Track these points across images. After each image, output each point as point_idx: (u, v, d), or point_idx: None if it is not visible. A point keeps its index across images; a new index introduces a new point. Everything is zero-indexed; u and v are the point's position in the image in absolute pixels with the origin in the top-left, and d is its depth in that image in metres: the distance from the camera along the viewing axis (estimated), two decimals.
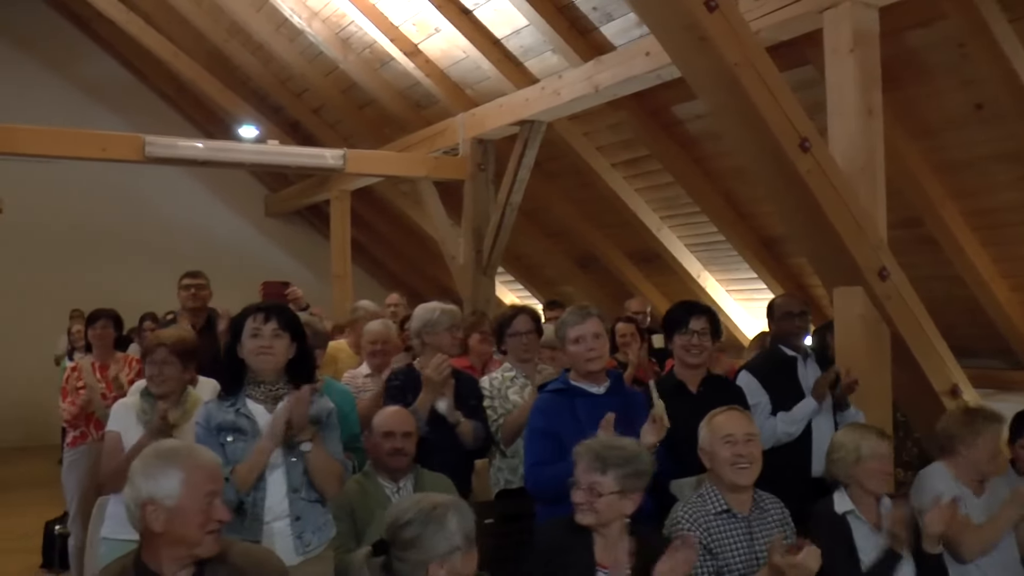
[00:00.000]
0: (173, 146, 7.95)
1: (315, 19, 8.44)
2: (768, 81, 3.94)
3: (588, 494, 2.99)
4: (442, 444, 4.11)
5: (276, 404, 3.17)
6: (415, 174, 8.77)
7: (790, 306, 4.66)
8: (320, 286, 11.22)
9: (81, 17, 12.07)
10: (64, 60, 12.40)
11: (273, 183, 13.55)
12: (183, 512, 2.33)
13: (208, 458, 2.47)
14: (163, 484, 2.34)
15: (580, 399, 3.64)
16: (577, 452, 3.06)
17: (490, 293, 8.41)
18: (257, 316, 3.20)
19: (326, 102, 10.26)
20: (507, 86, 7.58)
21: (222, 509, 2.41)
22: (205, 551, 2.37)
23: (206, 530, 2.35)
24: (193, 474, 2.36)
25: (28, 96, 10.66)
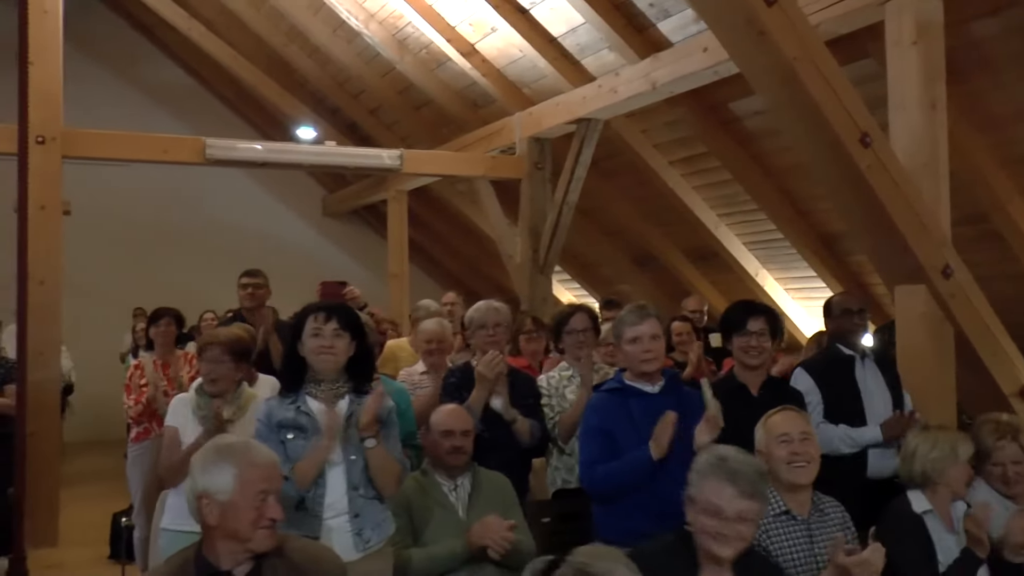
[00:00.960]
0: (233, 148, 8.08)
1: (372, 21, 8.50)
2: (827, 75, 3.88)
3: (738, 523, 2.58)
4: (499, 443, 4.11)
5: (336, 402, 3.19)
6: (472, 173, 8.79)
7: (848, 303, 4.57)
8: (377, 285, 11.30)
9: (146, 25, 12.34)
10: (130, 66, 12.70)
11: (331, 184, 13.68)
12: (235, 507, 2.36)
13: (264, 457, 2.48)
14: (217, 479, 2.37)
15: (635, 399, 3.60)
16: (717, 471, 2.61)
17: (547, 292, 8.41)
18: (318, 316, 3.22)
19: (383, 103, 10.33)
20: (564, 84, 7.56)
21: (275, 507, 2.41)
22: (257, 547, 2.38)
23: (258, 526, 2.36)
24: (247, 471, 2.39)
25: (95, 101, 10.88)
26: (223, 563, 2.37)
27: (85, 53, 11.08)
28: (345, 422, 3.19)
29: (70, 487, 7.29)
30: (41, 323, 6.27)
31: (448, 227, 12.61)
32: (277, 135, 11.65)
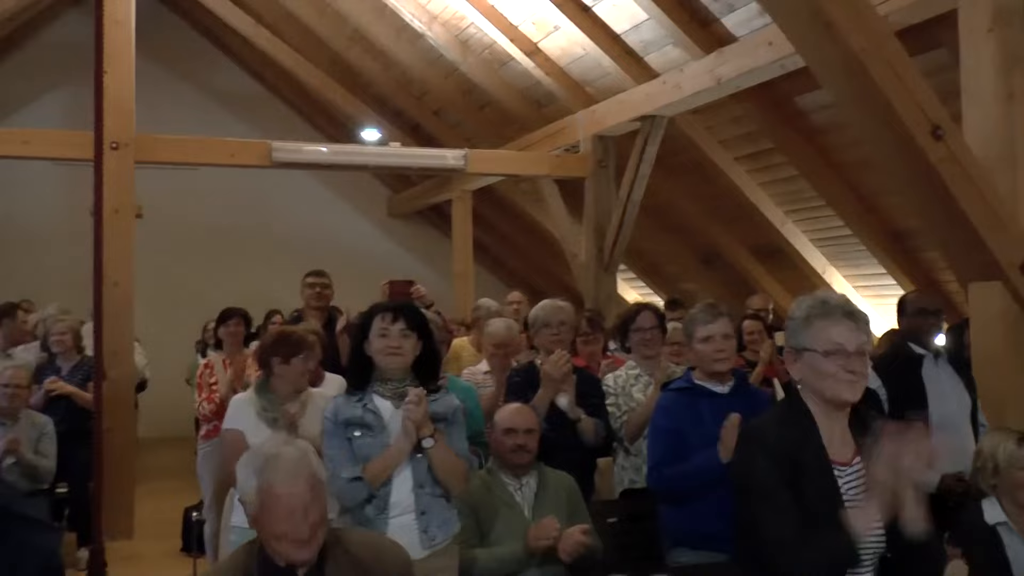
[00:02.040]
0: (298, 151, 8.20)
1: (435, 22, 8.54)
2: (897, 67, 3.80)
3: (862, 361, 2.42)
4: (564, 442, 4.10)
5: (403, 401, 3.21)
6: (536, 172, 8.80)
7: (925, 303, 4.48)
8: (442, 285, 11.36)
9: (213, 32, 12.57)
10: (198, 73, 12.94)
11: (395, 184, 13.78)
12: (259, 521, 2.36)
13: (287, 495, 2.33)
14: (245, 487, 2.39)
15: (704, 398, 3.57)
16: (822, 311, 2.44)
17: (611, 290, 8.38)
18: (386, 316, 3.23)
19: (447, 104, 10.38)
20: (627, 82, 7.52)
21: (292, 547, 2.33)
22: (289, 557, 2.33)
23: (285, 540, 2.31)
24: (266, 498, 2.34)
25: (166, 107, 11.11)
26: (276, 559, 2.35)
27: (156, 61, 11.31)
28: None
29: (145, 482, 7.47)
30: (115, 322, 6.42)
31: (512, 226, 12.63)
32: (342, 137, 11.78)
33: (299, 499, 2.32)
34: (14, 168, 11.14)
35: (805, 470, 2.34)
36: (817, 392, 2.41)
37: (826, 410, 2.41)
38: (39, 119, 11.68)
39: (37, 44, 12.50)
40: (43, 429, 5.93)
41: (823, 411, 2.40)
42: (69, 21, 12.37)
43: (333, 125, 12.75)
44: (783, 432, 2.40)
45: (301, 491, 2.33)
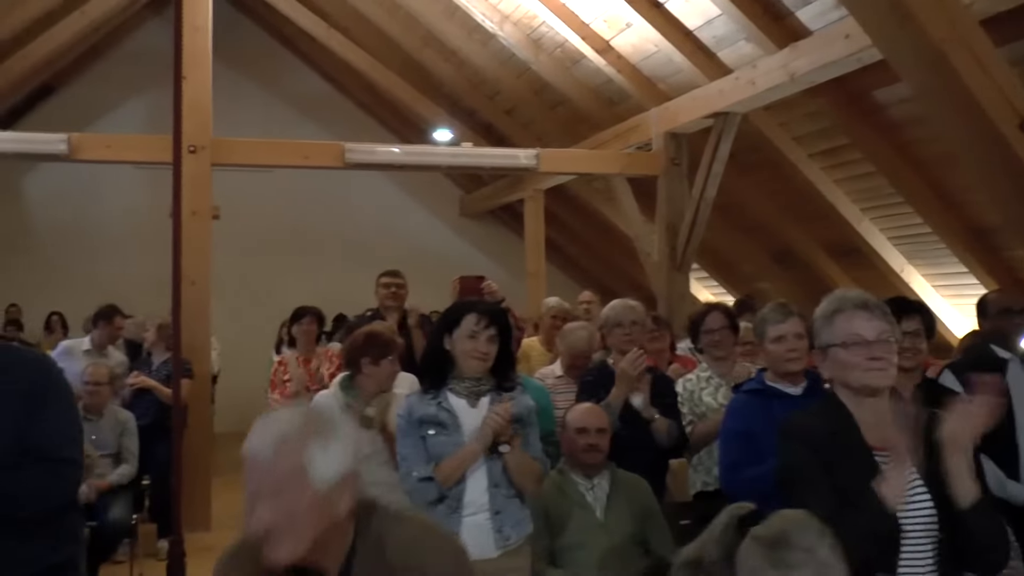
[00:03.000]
0: (371, 152, 8.27)
1: (506, 22, 8.56)
2: (981, 57, 3.69)
3: (886, 348, 2.44)
4: (636, 442, 4.07)
5: (478, 399, 3.21)
6: (608, 171, 8.75)
7: (1008, 302, 4.33)
8: (514, 284, 11.37)
9: (288, 37, 12.78)
10: (273, 77, 13.17)
11: (468, 184, 13.84)
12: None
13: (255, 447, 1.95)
14: None
15: (777, 400, 3.50)
16: (839, 304, 2.49)
17: (684, 290, 8.30)
18: (480, 319, 3.23)
19: (519, 103, 10.39)
20: (700, 78, 7.44)
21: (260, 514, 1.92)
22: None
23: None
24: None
25: (242, 111, 11.33)
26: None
27: (233, 66, 11.54)
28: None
29: (221, 475, 7.61)
30: (193, 321, 6.57)
31: (585, 225, 12.59)
32: (414, 138, 11.87)
33: (261, 468, 1.90)
34: (98, 172, 11.50)
35: (845, 457, 2.38)
36: (847, 384, 2.47)
37: (860, 400, 2.45)
38: (121, 124, 12.05)
39: (120, 52, 12.87)
40: (125, 425, 6.12)
41: (857, 402, 2.45)
42: (150, 29, 12.71)
43: (406, 126, 12.86)
44: (821, 423, 2.46)
45: (265, 461, 1.90)
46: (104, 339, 7.32)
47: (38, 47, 10.34)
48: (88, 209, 12.37)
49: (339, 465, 1.92)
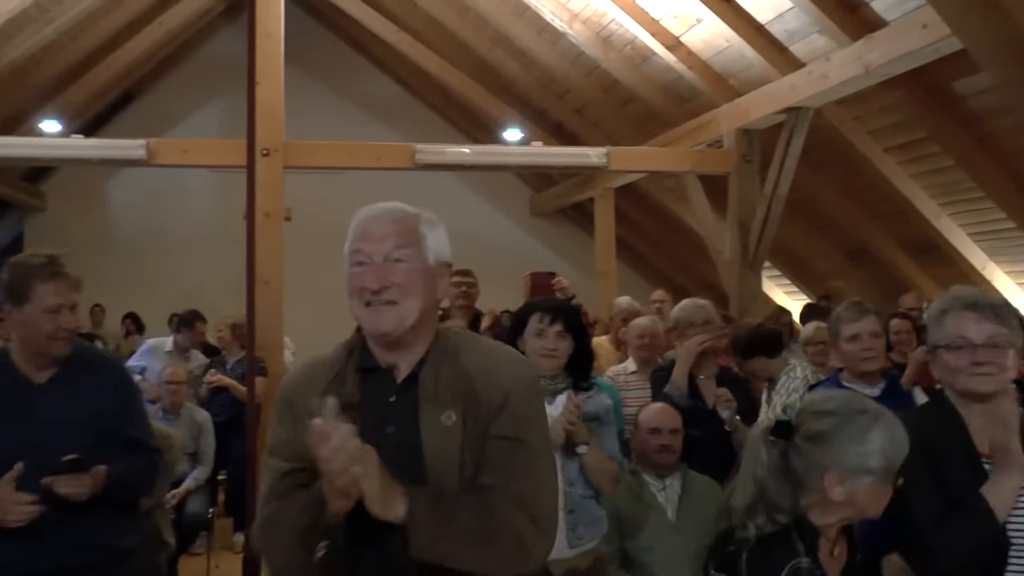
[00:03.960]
0: (442, 152, 8.32)
1: (576, 20, 8.53)
2: None
3: (994, 352, 2.34)
4: (709, 442, 4.04)
5: (554, 398, 3.20)
6: (679, 169, 8.67)
7: None
8: (585, 283, 11.32)
9: (358, 40, 12.94)
10: (344, 80, 13.34)
11: (538, 183, 13.85)
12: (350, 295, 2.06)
13: (364, 214, 2.08)
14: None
15: None
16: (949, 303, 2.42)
17: (756, 289, 8.18)
18: (544, 316, 3.23)
19: (588, 101, 10.36)
20: (772, 73, 7.33)
21: (367, 276, 1.99)
22: (368, 327, 2.00)
23: (361, 301, 2.00)
24: (351, 233, 2.09)
25: (313, 114, 11.48)
26: (379, 355, 2.02)
27: (304, 70, 11.70)
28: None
29: None
30: (266, 321, 6.67)
31: (655, 224, 12.51)
32: (484, 138, 11.91)
33: (383, 229, 2.00)
34: (175, 176, 11.76)
35: (951, 462, 2.29)
36: (953, 388, 2.38)
37: (969, 404, 2.36)
38: (197, 129, 12.32)
39: (195, 60, 13.17)
40: (202, 425, 6.28)
41: (967, 406, 2.36)
42: (224, 37, 12.97)
43: (475, 126, 12.91)
44: (926, 426, 2.35)
45: (391, 221, 2.02)
46: (187, 343, 7.60)
47: (119, 58, 10.68)
48: (166, 212, 12.69)
49: (441, 247, 2.06)
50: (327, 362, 2.04)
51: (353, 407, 1.85)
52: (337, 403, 1.73)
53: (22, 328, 2.93)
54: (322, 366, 2.04)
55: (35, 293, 2.87)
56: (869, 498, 2.10)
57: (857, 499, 2.10)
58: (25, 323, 2.90)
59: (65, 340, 2.93)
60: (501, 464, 1.88)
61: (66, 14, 9.02)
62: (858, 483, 2.08)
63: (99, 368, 3.10)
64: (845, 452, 2.09)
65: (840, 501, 2.10)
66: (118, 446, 3.01)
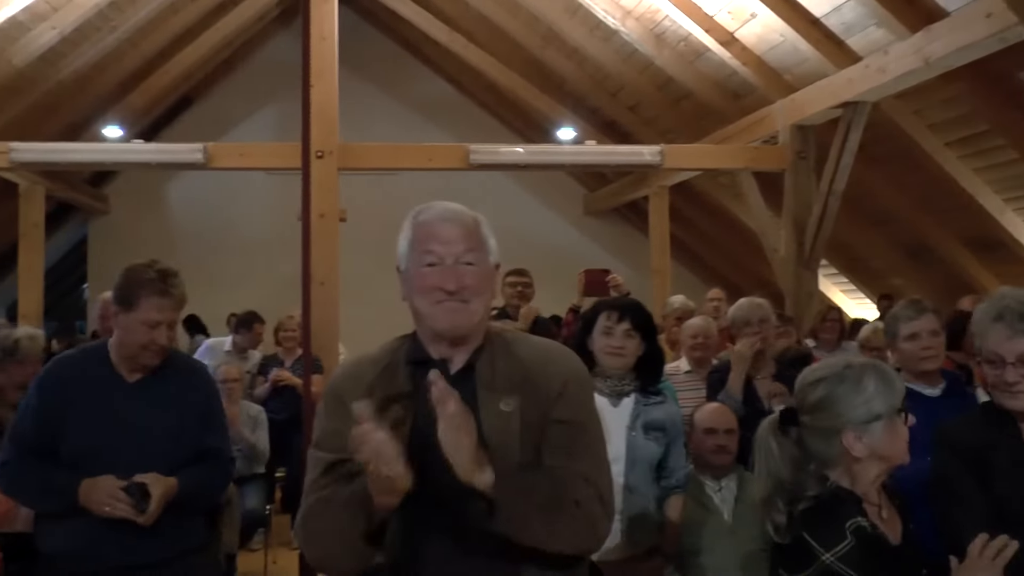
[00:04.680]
0: (495, 152, 8.34)
1: (628, 18, 8.49)
2: None
3: (1021, 367, 2.35)
4: None
5: (620, 399, 3.19)
6: (733, 166, 8.59)
7: None
8: (639, 282, 11.26)
9: (411, 42, 13.00)
10: (397, 82, 13.40)
11: (591, 182, 13.80)
12: (409, 279, 2.11)
13: (431, 215, 2.10)
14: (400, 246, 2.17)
15: (912, 401, 3.32)
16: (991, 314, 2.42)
17: (812, 287, 8.07)
18: (612, 315, 3.22)
19: (642, 99, 10.31)
20: (828, 67, 7.22)
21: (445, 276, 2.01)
22: (435, 324, 2.02)
23: (432, 300, 2.02)
24: (415, 233, 2.11)
25: (367, 117, 11.56)
26: (432, 349, 2.06)
27: (358, 73, 11.79)
28: (631, 423, 3.18)
29: None
30: (322, 320, 6.74)
31: (710, 222, 12.40)
32: (537, 137, 11.90)
33: (455, 231, 2.04)
34: (232, 179, 11.94)
35: (1003, 472, 2.25)
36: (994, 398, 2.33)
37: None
38: (253, 133, 12.50)
39: (251, 65, 13.34)
40: (257, 418, 6.42)
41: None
42: (279, 42, 13.12)
43: (529, 126, 12.90)
44: (975, 433, 2.33)
45: (463, 224, 2.07)
46: (245, 343, 7.75)
47: (177, 63, 10.87)
48: (223, 214, 12.88)
49: (495, 249, 2.16)
50: (374, 359, 2.11)
51: (404, 396, 1.92)
52: (373, 403, 1.80)
53: (122, 331, 3.06)
54: (370, 363, 2.10)
55: (140, 304, 2.99)
56: (887, 442, 2.14)
57: (877, 447, 2.14)
58: (125, 328, 3.04)
59: (155, 353, 3.05)
60: (565, 447, 1.96)
61: (127, 22, 9.20)
62: (872, 431, 2.13)
63: (187, 375, 3.22)
64: (849, 407, 2.14)
65: (865, 456, 2.14)
66: (195, 452, 3.11)
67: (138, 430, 3.00)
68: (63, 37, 8.55)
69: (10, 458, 3.04)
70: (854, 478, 2.16)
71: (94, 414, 3.00)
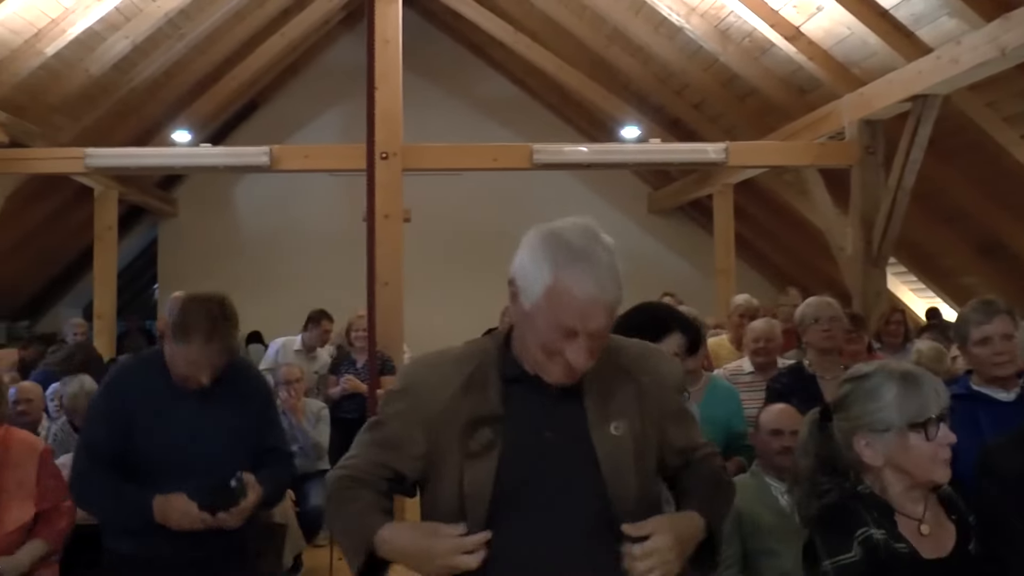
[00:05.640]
0: (559, 152, 8.33)
1: (693, 15, 8.42)
2: None
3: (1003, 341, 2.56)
4: None
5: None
6: (799, 163, 8.47)
7: None
8: (703, 282, 11.19)
9: (475, 43, 13.06)
10: (461, 83, 13.45)
11: (655, 181, 13.72)
12: (533, 322, 1.90)
13: (587, 290, 1.89)
14: (528, 276, 1.97)
15: (984, 407, 3.19)
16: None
17: (881, 286, 7.91)
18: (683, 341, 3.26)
19: (706, 96, 10.22)
20: (897, 60, 7.07)
21: (580, 353, 1.87)
22: (547, 377, 1.92)
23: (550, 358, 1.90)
24: (560, 296, 1.88)
25: (433, 118, 11.63)
26: (529, 365, 1.96)
27: (421, 74, 11.86)
28: None
29: None
30: (386, 321, 6.80)
31: (775, 220, 12.24)
32: (601, 136, 11.86)
33: (600, 324, 1.88)
34: (297, 180, 12.10)
35: None
36: None
37: None
38: (318, 135, 12.66)
39: (316, 68, 13.51)
40: (319, 415, 6.53)
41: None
42: (343, 45, 13.27)
43: (593, 124, 12.87)
44: (1018, 455, 2.25)
45: (603, 320, 1.89)
46: (314, 340, 7.87)
47: (244, 69, 11.07)
48: (289, 215, 13.06)
49: None
50: (458, 360, 2.02)
51: (495, 420, 1.89)
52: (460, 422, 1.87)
53: (168, 356, 3.10)
54: (453, 364, 2.01)
55: (188, 343, 2.99)
56: (901, 455, 2.09)
57: (892, 459, 2.10)
58: (171, 356, 3.07)
59: (190, 381, 3.06)
60: (691, 433, 2.11)
61: (195, 30, 9.40)
62: (884, 440, 2.10)
63: (243, 379, 3.26)
64: (862, 411, 2.13)
65: (881, 465, 2.12)
66: (256, 453, 3.17)
67: (204, 436, 3.04)
68: (135, 46, 8.77)
69: (83, 470, 3.09)
70: (884, 486, 2.13)
71: (159, 422, 3.05)
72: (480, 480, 1.85)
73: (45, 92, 8.75)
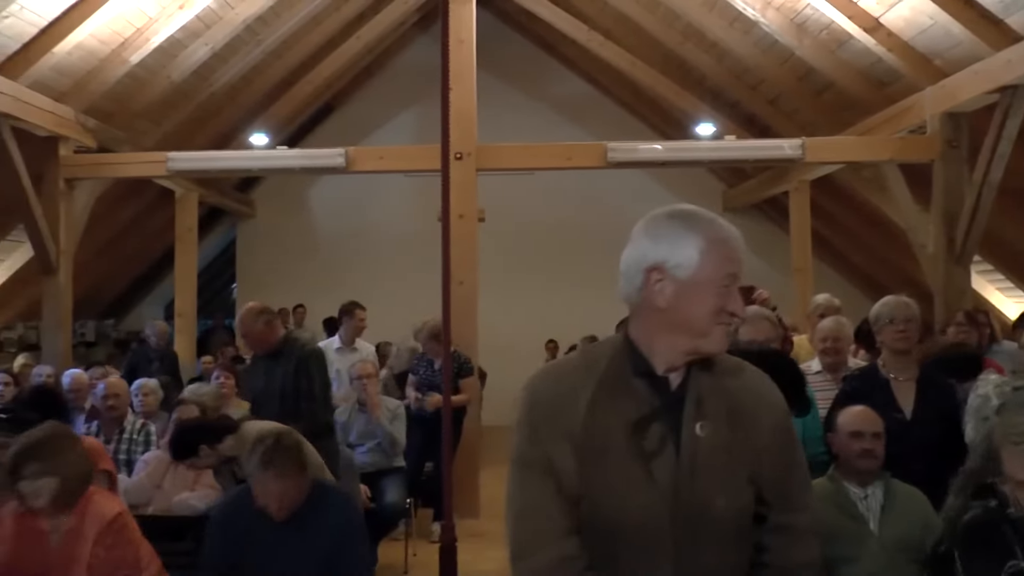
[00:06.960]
0: (633, 150, 8.29)
1: (768, 8, 8.29)
2: None
3: None
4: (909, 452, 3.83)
5: None
6: (878, 158, 8.28)
7: None
8: (781, 281, 11.01)
9: (548, 42, 13.08)
10: (534, 82, 13.50)
11: (730, 178, 13.57)
12: (696, 289, 1.91)
13: (729, 233, 1.99)
14: (679, 250, 1.93)
15: None
16: None
17: (965, 284, 7.69)
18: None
19: (782, 91, 10.06)
20: (983, 49, 6.84)
21: (737, 300, 1.94)
22: (710, 347, 1.94)
23: (717, 321, 1.92)
24: (714, 247, 1.94)
25: (507, 118, 11.68)
26: (657, 363, 1.95)
27: (495, 74, 11.91)
28: None
29: (489, 467, 7.87)
30: (461, 319, 6.84)
31: (853, 217, 11.98)
32: (676, 133, 11.77)
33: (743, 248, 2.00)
34: (372, 181, 12.25)
35: None
36: None
37: None
38: (392, 136, 12.81)
39: (390, 70, 13.68)
40: (395, 412, 6.63)
41: None
42: (418, 47, 13.41)
43: (667, 122, 12.78)
44: None
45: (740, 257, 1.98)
46: (350, 334, 7.90)
47: (319, 72, 11.26)
48: (364, 216, 13.24)
49: None
50: (579, 368, 1.99)
51: (661, 413, 1.90)
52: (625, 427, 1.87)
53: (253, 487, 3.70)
54: (574, 374, 1.97)
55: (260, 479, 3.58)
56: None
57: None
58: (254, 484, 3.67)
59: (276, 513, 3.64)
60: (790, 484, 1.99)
61: (272, 35, 9.57)
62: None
63: (329, 507, 3.69)
64: (1007, 424, 2.09)
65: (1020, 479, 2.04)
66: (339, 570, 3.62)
67: (286, 565, 3.53)
68: (214, 53, 8.99)
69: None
70: (1016, 491, 2.03)
71: (255, 554, 3.56)
72: (670, 469, 1.86)
73: (130, 99, 9.01)
